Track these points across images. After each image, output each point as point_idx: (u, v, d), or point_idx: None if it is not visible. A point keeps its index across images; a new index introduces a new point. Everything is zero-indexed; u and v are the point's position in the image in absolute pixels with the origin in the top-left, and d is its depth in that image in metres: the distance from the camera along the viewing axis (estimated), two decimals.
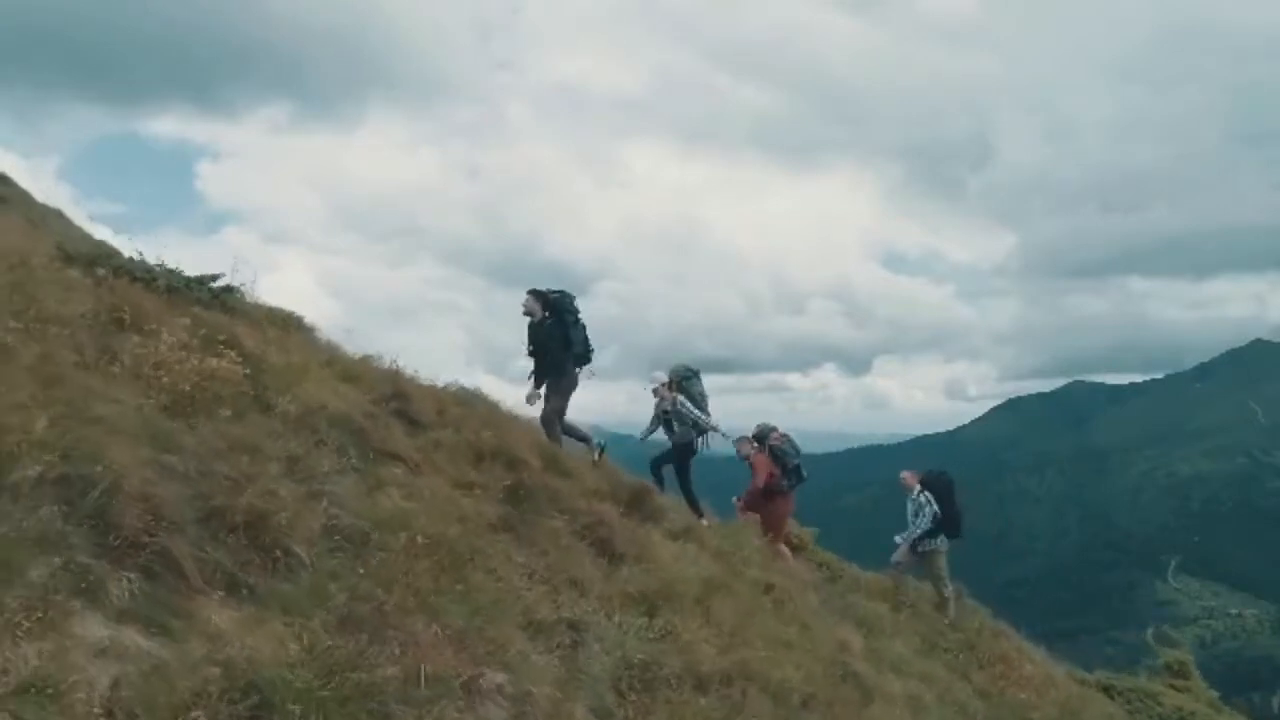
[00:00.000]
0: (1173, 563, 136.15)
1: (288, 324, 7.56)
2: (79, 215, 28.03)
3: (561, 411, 8.45)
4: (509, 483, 5.85)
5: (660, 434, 9.60)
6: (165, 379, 4.53)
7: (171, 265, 7.60)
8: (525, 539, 5.22)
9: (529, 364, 8.75)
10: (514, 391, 8.83)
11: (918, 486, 10.44)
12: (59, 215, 26.48)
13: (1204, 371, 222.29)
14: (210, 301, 7.34)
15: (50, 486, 3.07)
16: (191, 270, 7.34)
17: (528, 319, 8.63)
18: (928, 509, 10.20)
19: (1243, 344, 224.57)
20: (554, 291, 8.63)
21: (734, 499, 10.11)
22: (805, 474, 10.04)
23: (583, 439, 8.57)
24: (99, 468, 3.19)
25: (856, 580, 10.07)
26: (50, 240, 9.38)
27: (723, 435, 9.32)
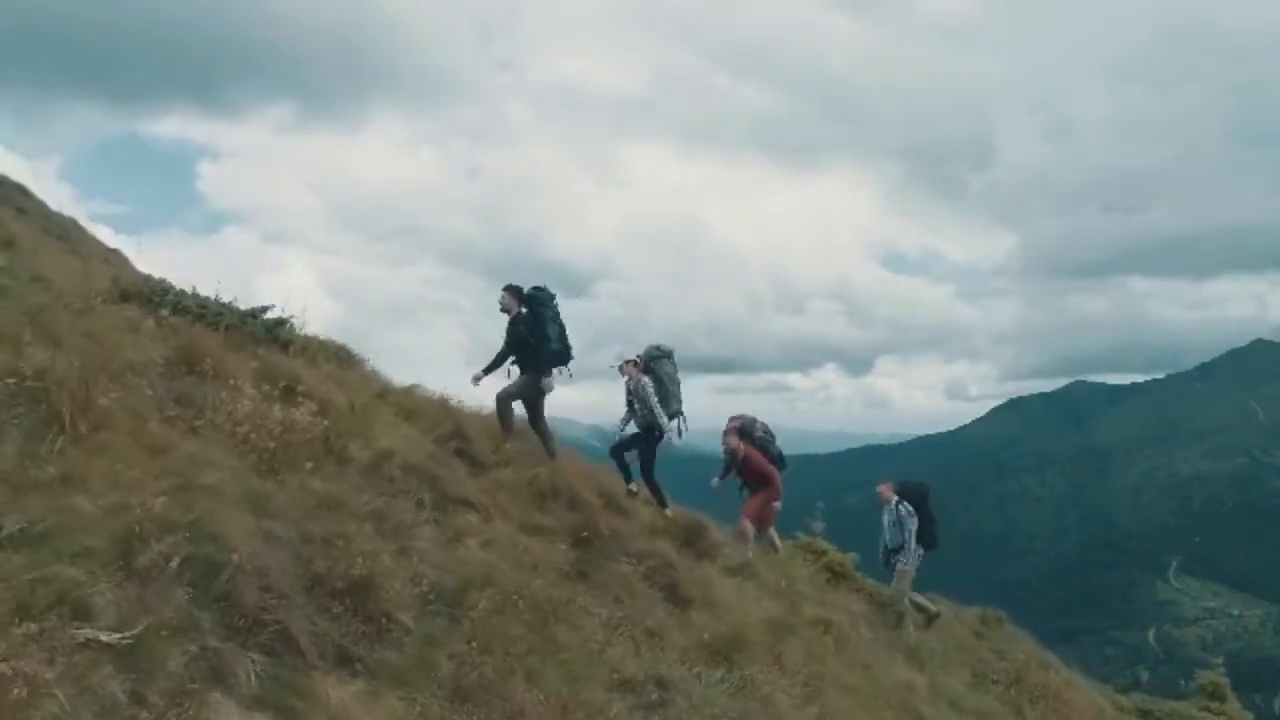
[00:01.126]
0: (1173, 563, 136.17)
1: (340, 357, 7.58)
2: (80, 215, 28.00)
3: (514, 397, 8.15)
4: (575, 525, 5.86)
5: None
6: (251, 434, 4.53)
7: (226, 299, 7.62)
8: (598, 586, 5.24)
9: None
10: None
11: (895, 498, 10.29)
12: (74, 224, 26.52)
13: (1205, 371, 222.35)
14: (265, 337, 7.36)
15: (177, 568, 3.07)
16: (225, 292, 7.40)
17: (505, 315, 8.32)
18: (910, 521, 10.08)
19: (1243, 344, 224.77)
20: (533, 287, 8.36)
21: (742, 507, 9.47)
22: (785, 461, 9.84)
23: (544, 440, 8.11)
24: (220, 547, 3.20)
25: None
26: (94, 268, 9.37)
27: (669, 436, 8.58)
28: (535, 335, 8.01)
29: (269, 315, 7.75)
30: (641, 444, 8.70)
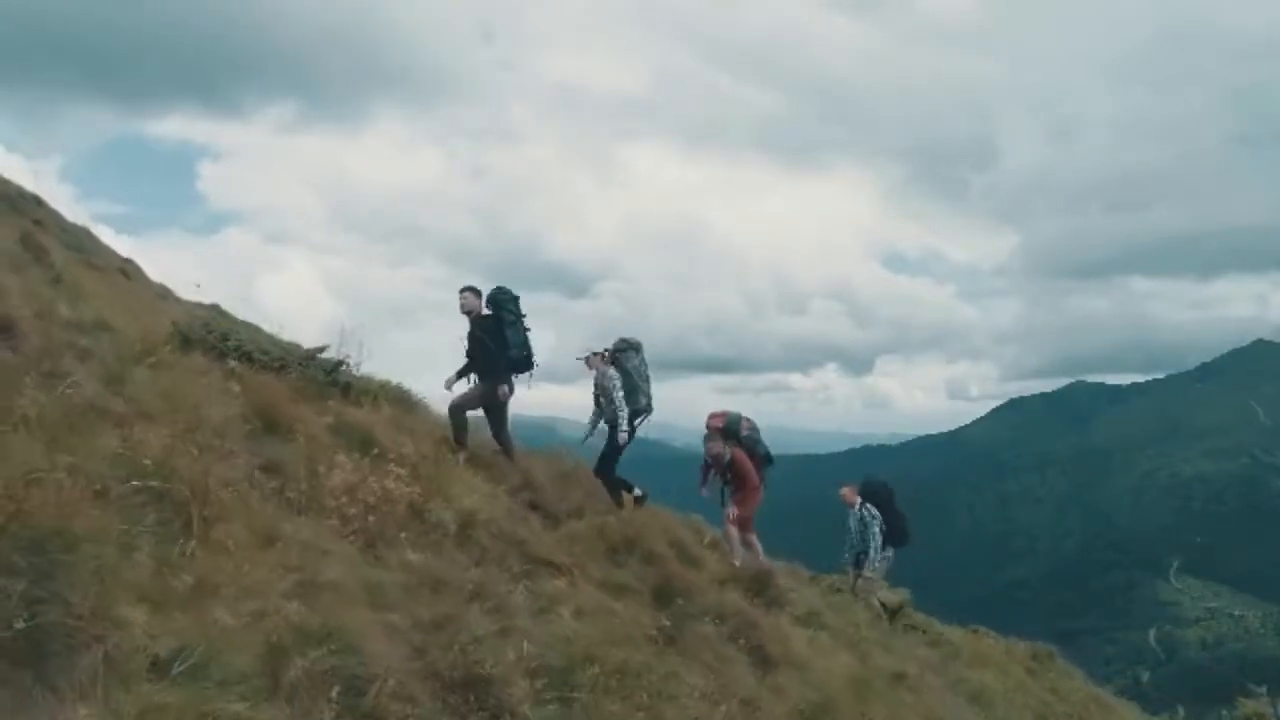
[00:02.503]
0: (1174, 563, 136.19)
1: (398, 399, 7.50)
2: (81, 215, 27.87)
3: (470, 406, 7.77)
4: (653, 581, 5.78)
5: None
6: (349, 509, 4.44)
7: (286, 341, 7.55)
8: (688, 651, 5.15)
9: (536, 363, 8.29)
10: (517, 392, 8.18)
11: (859, 500, 10.02)
12: (87, 234, 26.40)
13: (1206, 372, 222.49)
14: (326, 380, 7.28)
15: (319, 682, 2.97)
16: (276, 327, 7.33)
17: (468, 317, 7.92)
18: (875, 524, 9.80)
19: (1244, 344, 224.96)
20: (495, 288, 7.97)
21: (726, 513, 8.77)
22: (772, 458, 9.43)
23: (506, 450, 7.73)
24: (359, 657, 3.10)
25: (954, 646, 9.96)
26: (143, 297, 9.27)
27: (623, 431, 8.16)
28: (495, 339, 7.62)
29: (325, 355, 7.68)
30: (610, 440, 8.26)
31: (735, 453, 8.70)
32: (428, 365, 7.62)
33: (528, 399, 8.15)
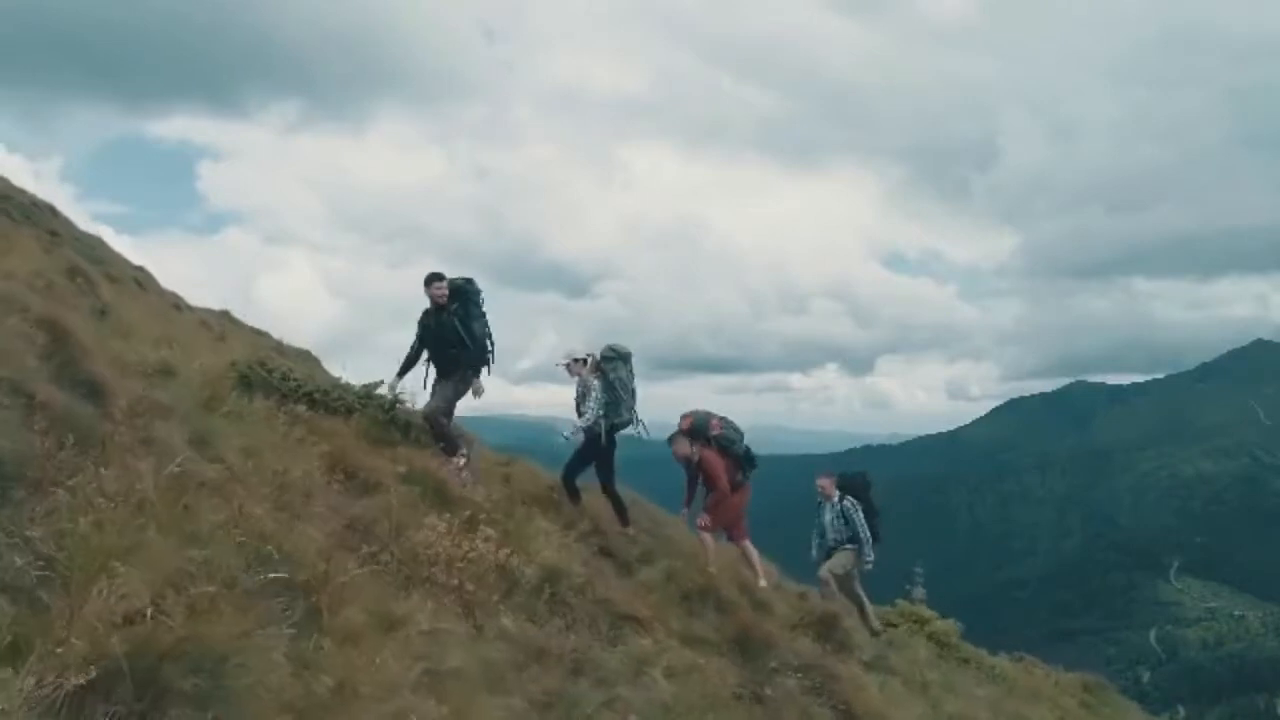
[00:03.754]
0: (1175, 563, 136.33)
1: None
2: (81, 215, 27.75)
3: (444, 410, 7.32)
4: (731, 633, 5.71)
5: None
6: (449, 580, 4.35)
7: (346, 380, 7.46)
8: (775, 711, 5.07)
9: (528, 363, 7.91)
10: (516, 391, 7.78)
11: (838, 493, 9.44)
12: (100, 242, 26.25)
13: (1206, 372, 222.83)
14: (385, 419, 7.19)
15: None
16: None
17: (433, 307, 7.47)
18: (858, 515, 9.23)
19: (1244, 344, 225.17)
20: (463, 279, 7.58)
21: (697, 520, 8.18)
22: (754, 460, 8.68)
23: (451, 448, 7.21)
24: None
25: (1007, 680, 9.83)
26: (189, 326, 9.16)
27: (591, 430, 7.60)
28: (466, 333, 7.23)
29: (379, 391, 7.60)
30: (591, 450, 7.72)
31: (704, 453, 8.17)
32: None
33: (529, 399, 7.81)
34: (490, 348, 7.46)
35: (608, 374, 7.77)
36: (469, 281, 7.52)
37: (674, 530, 8.36)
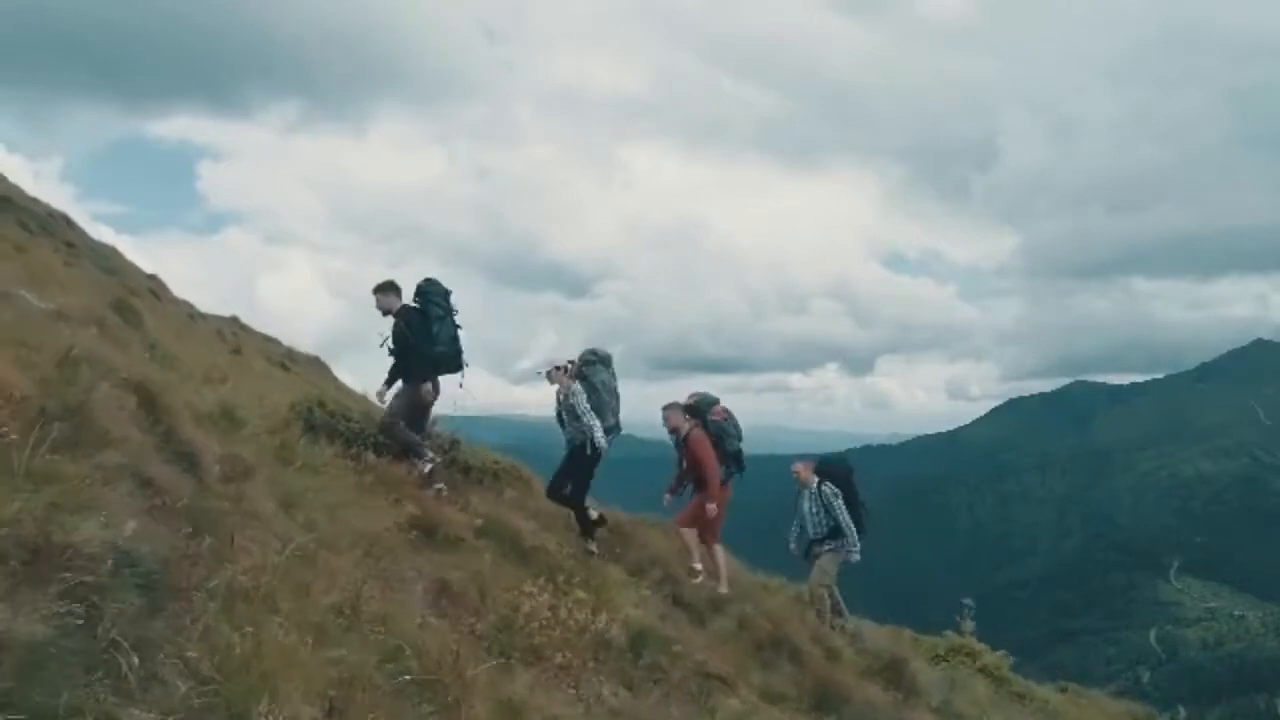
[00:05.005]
0: (1175, 564, 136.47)
1: (518, 477, 7.35)
2: (82, 215, 27.63)
3: (401, 417, 6.93)
4: (808, 686, 5.64)
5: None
6: (555, 656, 4.28)
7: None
8: None
9: (532, 364, 7.66)
10: (516, 391, 7.47)
11: (815, 479, 8.69)
12: (114, 251, 26.15)
13: (1205, 371, 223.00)
14: (447, 462, 7.12)
15: None
16: None
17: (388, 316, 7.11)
18: (837, 502, 8.44)
19: (1244, 344, 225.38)
20: (423, 280, 7.21)
21: (708, 507, 7.63)
22: (745, 463, 8.15)
23: (416, 453, 6.82)
24: None
25: (1058, 713, 9.76)
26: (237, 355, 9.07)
27: (595, 443, 7.19)
28: (417, 335, 6.86)
29: (436, 430, 7.52)
30: (572, 463, 7.33)
31: (694, 432, 7.69)
32: None
33: (529, 399, 7.51)
34: (452, 351, 7.01)
35: (590, 379, 7.42)
36: (428, 282, 7.16)
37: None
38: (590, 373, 7.45)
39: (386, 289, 7.01)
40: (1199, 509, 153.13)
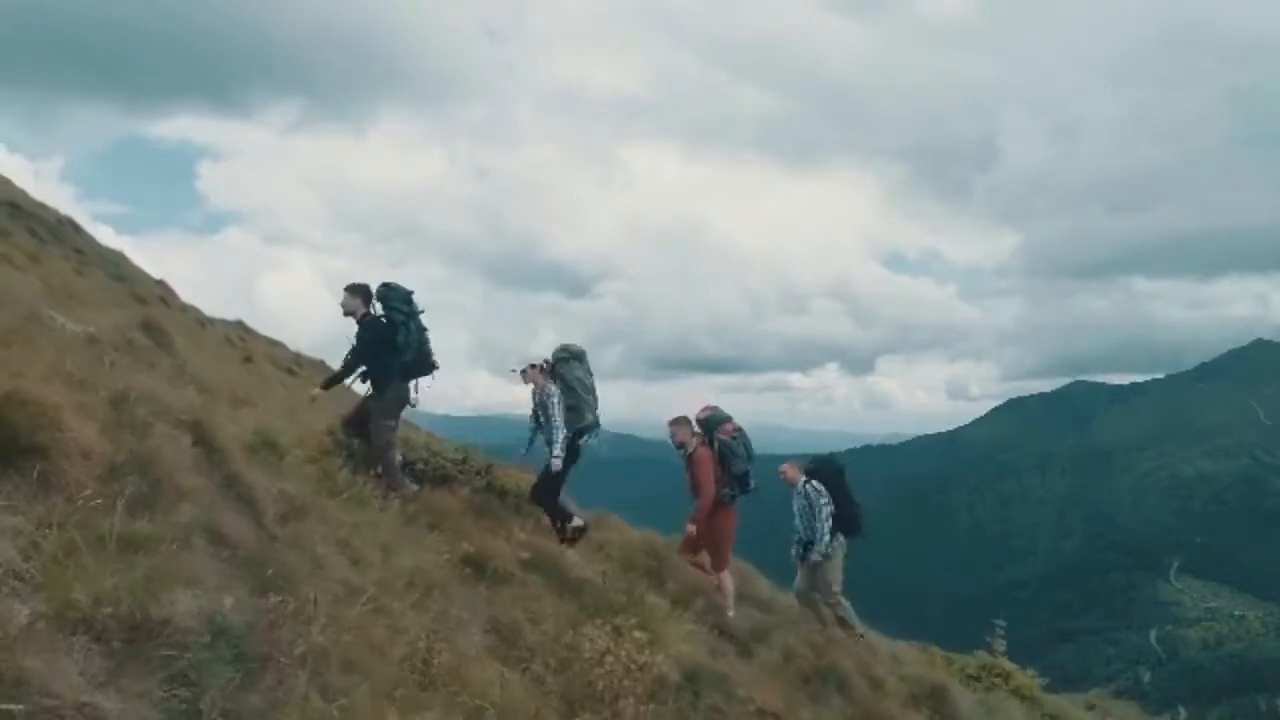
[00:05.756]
0: (1175, 563, 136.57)
1: None
2: (82, 216, 27.59)
3: (393, 431, 6.73)
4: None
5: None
6: (604, 690, 4.23)
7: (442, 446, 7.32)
8: None
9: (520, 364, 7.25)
10: (517, 391, 7.27)
11: (803, 478, 8.31)
12: (121, 257, 26.06)
13: (1205, 372, 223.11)
14: (483, 487, 7.07)
15: None
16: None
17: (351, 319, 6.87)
18: (823, 502, 8.05)
19: (1244, 344, 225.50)
20: (382, 284, 6.94)
21: (688, 527, 7.47)
22: (754, 484, 7.75)
23: (388, 473, 6.54)
24: None
25: None
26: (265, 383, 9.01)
27: (556, 457, 6.88)
28: (386, 342, 6.61)
29: (470, 457, 7.48)
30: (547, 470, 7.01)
31: (700, 450, 7.40)
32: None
33: (529, 399, 7.23)
34: (421, 355, 6.77)
35: (564, 376, 7.17)
36: (386, 287, 6.89)
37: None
38: (565, 370, 7.23)
39: (354, 291, 6.82)
40: (1199, 509, 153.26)
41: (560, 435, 6.86)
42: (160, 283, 26.00)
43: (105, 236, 26.34)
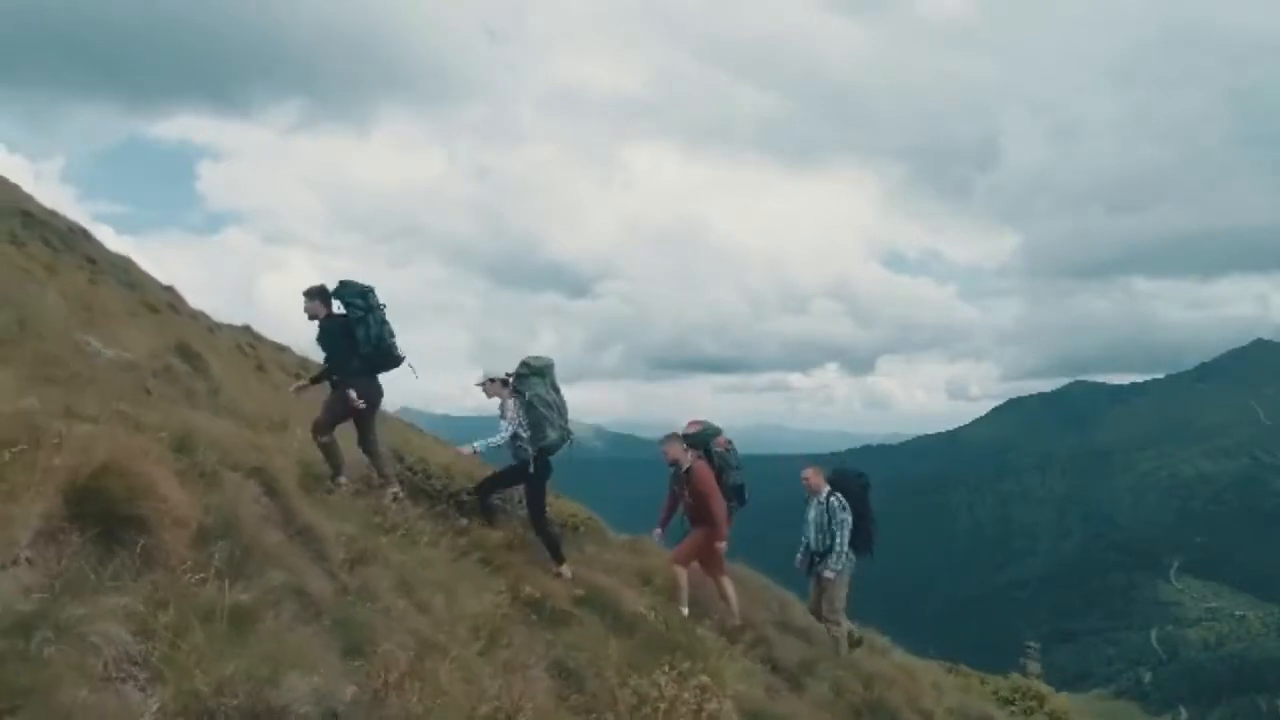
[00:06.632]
0: (1175, 563, 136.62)
1: (590, 529, 7.28)
2: (83, 216, 27.48)
3: (331, 424, 6.63)
4: None
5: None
6: None
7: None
8: None
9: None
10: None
11: (826, 488, 8.05)
12: (130, 262, 25.98)
13: (1205, 371, 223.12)
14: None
15: None
16: None
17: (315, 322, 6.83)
18: (844, 517, 7.82)
19: (1244, 344, 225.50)
20: (339, 283, 6.87)
21: (718, 545, 7.24)
22: (748, 495, 7.68)
23: (376, 464, 6.67)
24: None
25: None
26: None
27: (525, 453, 6.76)
28: (341, 341, 6.60)
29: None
30: (519, 479, 6.92)
31: (698, 464, 7.25)
32: (428, 365, 6.86)
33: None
34: (382, 349, 6.68)
35: (524, 393, 6.97)
36: (342, 285, 6.82)
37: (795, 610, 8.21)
38: (524, 386, 7.01)
39: (313, 295, 6.79)
40: (1199, 509, 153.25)
41: (503, 434, 6.72)
42: (168, 289, 25.93)
43: (105, 237, 26.27)
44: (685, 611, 6.82)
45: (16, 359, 5.04)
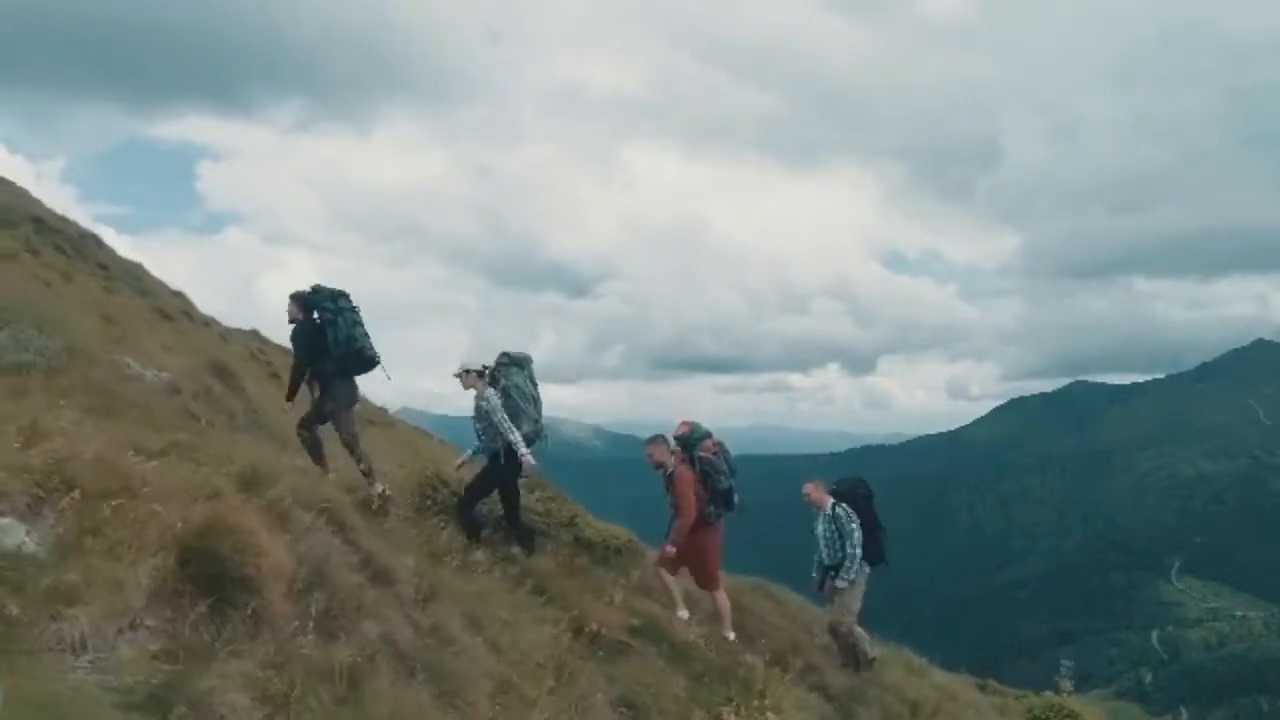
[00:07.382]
0: (1175, 564, 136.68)
1: (629, 551, 7.26)
2: (83, 216, 27.43)
3: (312, 423, 6.81)
4: None
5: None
6: None
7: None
8: None
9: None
10: None
11: (830, 500, 7.95)
12: (140, 268, 25.93)
13: (1206, 371, 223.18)
14: (569, 539, 7.02)
15: None
16: None
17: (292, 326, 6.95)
18: (853, 526, 7.73)
19: (1244, 344, 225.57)
20: (311, 288, 6.94)
21: (666, 548, 7.02)
22: (739, 500, 7.40)
23: (318, 455, 6.73)
24: None
25: None
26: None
27: (523, 455, 6.66)
28: (314, 343, 6.69)
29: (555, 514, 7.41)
30: (493, 474, 6.85)
31: (680, 469, 7.08)
32: (428, 365, 6.92)
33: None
34: (355, 350, 6.74)
35: (502, 382, 6.97)
36: (314, 290, 6.91)
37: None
38: (502, 376, 7.06)
39: (296, 299, 6.90)
40: (1199, 509, 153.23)
41: (516, 436, 6.63)
42: (179, 294, 25.90)
43: (105, 237, 26.27)
44: (684, 614, 6.69)
45: (73, 390, 5.01)
